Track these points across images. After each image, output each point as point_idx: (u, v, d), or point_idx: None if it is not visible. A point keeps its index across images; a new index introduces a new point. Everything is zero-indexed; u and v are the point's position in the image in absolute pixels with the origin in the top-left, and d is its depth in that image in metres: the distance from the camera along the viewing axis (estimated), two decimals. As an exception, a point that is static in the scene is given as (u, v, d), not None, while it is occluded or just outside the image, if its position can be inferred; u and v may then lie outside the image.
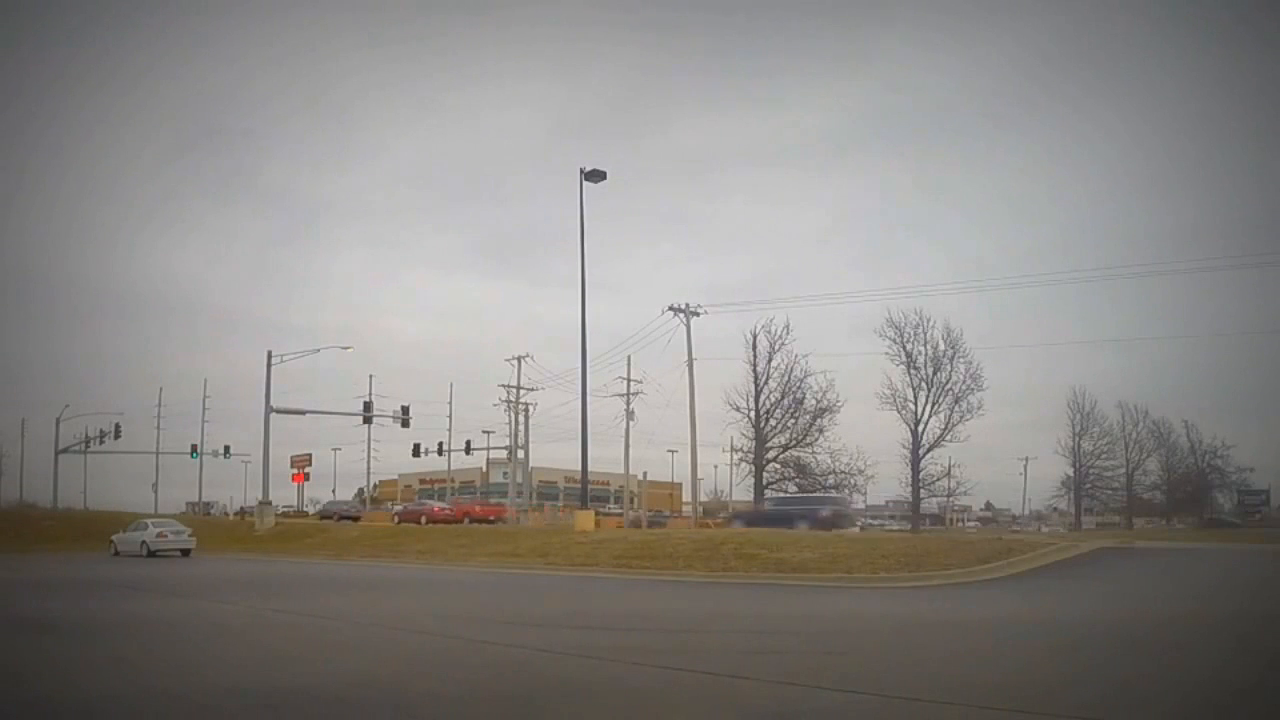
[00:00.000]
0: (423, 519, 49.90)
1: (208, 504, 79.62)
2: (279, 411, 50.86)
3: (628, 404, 58.20)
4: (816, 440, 53.09)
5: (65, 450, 69.21)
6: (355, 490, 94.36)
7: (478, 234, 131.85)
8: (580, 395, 38.57)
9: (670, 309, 51.13)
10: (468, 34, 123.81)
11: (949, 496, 64.55)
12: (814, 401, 52.85)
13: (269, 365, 49.60)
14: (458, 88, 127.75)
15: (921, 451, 53.93)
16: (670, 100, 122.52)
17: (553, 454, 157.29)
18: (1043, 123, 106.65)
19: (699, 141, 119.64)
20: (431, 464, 74.54)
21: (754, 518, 38.82)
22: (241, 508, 70.65)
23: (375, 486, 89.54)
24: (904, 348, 53.91)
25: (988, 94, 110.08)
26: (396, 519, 52.81)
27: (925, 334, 54.18)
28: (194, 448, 70.99)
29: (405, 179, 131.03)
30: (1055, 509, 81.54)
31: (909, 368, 53.94)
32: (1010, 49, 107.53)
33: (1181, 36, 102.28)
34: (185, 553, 35.28)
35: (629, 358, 57.90)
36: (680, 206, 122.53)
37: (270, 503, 51.68)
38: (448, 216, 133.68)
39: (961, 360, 53.92)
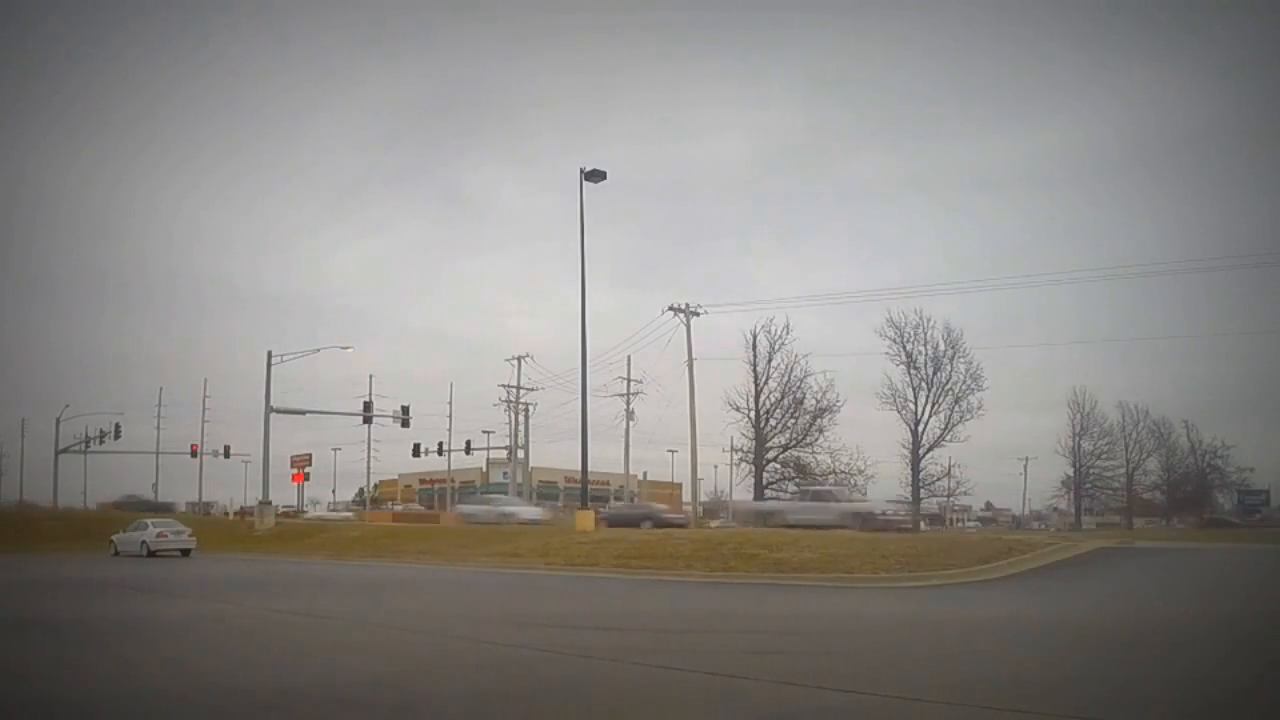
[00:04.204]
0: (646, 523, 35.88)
1: (208, 504, 79.63)
2: (279, 411, 50.86)
3: (628, 404, 58.37)
4: (816, 440, 53.17)
5: (65, 450, 69.26)
6: (356, 490, 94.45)
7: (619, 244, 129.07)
8: (580, 395, 38.51)
9: (670, 309, 51.12)
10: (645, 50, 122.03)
11: (949, 496, 64.62)
12: (814, 401, 52.92)
13: (269, 365, 49.59)
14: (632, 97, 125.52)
15: (921, 451, 54.01)
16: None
17: (553, 454, 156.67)
18: (1043, 124, 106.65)
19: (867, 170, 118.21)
20: (431, 464, 74.73)
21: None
22: (241, 507, 70.65)
23: (375, 486, 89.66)
24: (904, 348, 54.04)
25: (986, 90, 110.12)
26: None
27: (925, 334, 54.29)
28: (194, 448, 71.10)
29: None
30: (1055, 509, 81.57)
31: (909, 368, 54.04)
32: (1005, 51, 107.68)
33: (1172, 37, 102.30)
34: (185, 553, 35.21)
35: (629, 357, 58.02)
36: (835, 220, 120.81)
37: (270, 503, 51.68)
38: (609, 225, 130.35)
39: (961, 360, 54.06)
